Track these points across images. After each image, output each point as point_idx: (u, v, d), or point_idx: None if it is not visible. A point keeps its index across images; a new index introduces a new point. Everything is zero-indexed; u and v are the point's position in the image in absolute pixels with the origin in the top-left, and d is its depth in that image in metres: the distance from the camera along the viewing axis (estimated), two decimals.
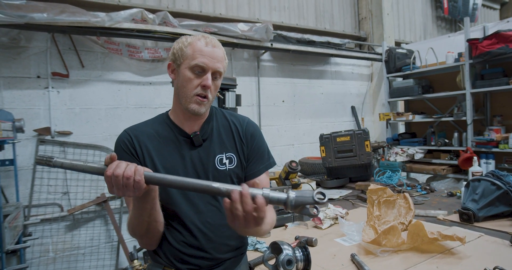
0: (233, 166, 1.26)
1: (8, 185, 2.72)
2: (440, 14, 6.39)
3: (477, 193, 1.92)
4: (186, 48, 1.17)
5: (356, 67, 5.10)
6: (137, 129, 1.24)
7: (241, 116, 1.37)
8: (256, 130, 1.35)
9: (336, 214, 2.01)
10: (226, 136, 1.29)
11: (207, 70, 1.16)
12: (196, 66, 1.15)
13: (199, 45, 1.16)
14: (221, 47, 1.21)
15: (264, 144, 1.35)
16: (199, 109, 1.17)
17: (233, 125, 1.31)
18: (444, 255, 1.45)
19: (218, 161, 1.24)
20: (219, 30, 3.41)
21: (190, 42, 1.18)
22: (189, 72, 1.16)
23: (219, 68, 1.18)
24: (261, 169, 1.31)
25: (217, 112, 1.34)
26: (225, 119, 1.33)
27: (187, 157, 1.22)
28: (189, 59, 1.16)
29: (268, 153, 1.35)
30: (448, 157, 3.95)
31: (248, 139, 1.30)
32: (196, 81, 1.16)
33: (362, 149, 3.07)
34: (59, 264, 2.94)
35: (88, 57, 3.13)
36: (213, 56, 1.16)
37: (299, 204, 0.92)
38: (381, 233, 1.51)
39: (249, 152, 1.30)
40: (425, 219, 2.02)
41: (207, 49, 1.16)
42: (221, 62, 1.18)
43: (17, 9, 2.50)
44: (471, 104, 3.65)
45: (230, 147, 1.27)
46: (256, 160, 1.31)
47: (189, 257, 1.19)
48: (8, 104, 2.78)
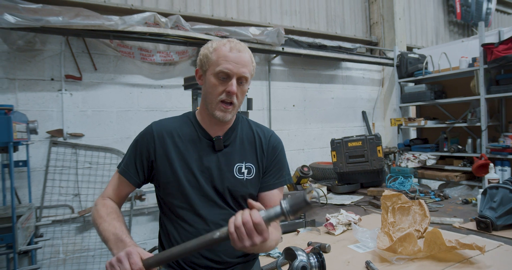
0: (251, 177, 1.25)
1: (21, 186, 2.74)
2: (453, 19, 6.32)
3: (495, 201, 1.87)
4: (212, 54, 1.17)
5: (367, 72, 5.06)
6: (162, 125, 1.25)
7: (266, 129, 1.37)
8: (279, 144, 1.34)
9: (349, 220, 1.98)
10: (248, 146, 1.28)
11: (231, 76, 1.15)
12: (221, 72, 1.14)
13: (223, 51, 1.16)
14: (247, 51, 1.20)
15: (284, 160, 1.34)
16: (224, 116, 1.17)
17: (257, 136, 1.30)
18: (462, 265, 1.41)
19: (237, 170, 1.23)
20: (230, 34, 3.42)
21: (215, 47, 1.17)
22: (214, 78, 1.16)
23: (244, 73, 1.16)
24: (275, 183, 1.30)
25: (243, 121, 1.34)
26: (250, 129, 1.32)
27: (205, 160, 1.21)
28: (214, 65, 1.16)
29: (286, 170, 1.34)
30: (462, 163, 3.88)
31: (269, 152, 1.30)
32: (221, 88, 1.16)
33: (374, 155, 3.03)
34: (69, 266, 2.95)
35: (100, 60, 3.16)
36: (238, 62, 1.15)
37: (297, 209, 0.91)
38: (396, 240, 1.48)
39: (268, 164, 1.29)
40: (440, 226, 1.98)
41: (232, 55, 1.15)
42: (246, 66, 1.17)
43: (34, 13, 2.54)
44: (486, 110, 3.59)
45: (250, 158, 1.27)
46: (273, 173, 1.30)
47: (199, 260, 1.18)
48: (22, 106, 2.81)
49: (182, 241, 1.19)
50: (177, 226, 1.21)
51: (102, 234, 1.09)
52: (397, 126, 4.54)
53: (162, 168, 1.21)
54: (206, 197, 1.20)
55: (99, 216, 1.13)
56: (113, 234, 1.06)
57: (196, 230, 1.19)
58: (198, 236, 1.17)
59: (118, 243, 1.04)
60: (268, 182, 1.29)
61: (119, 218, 1.15)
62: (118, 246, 1.03)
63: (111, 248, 1.04)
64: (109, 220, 1.11)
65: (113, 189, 1.24)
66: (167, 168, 1.20)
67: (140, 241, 3.27)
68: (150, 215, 3.32)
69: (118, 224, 1.10)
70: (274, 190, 1.29)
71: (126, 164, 1.23)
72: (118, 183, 1.24)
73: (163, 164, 1.20)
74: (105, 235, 1.08)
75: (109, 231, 1.08)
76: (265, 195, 1.29)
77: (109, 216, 1.13)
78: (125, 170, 1.22)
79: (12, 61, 2.79)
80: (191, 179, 1.20)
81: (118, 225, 1.10)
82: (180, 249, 0.96)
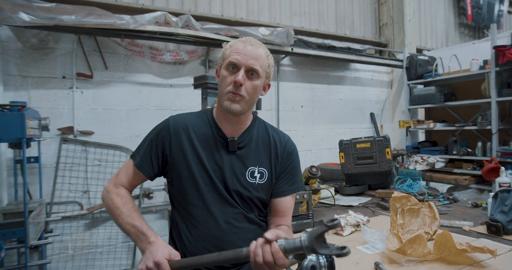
0: (262, 182, 1.25)
1: (32, 182, 2.78)
2: (463, 21, 6.27)
3: (506, 205, 1.85)
4: (227, 50, 1.20)
5: (376, 74, 5.04)
6: (179, 120, 1.26)
7: (282, 133, 1.37)
8: (294, 151, 1.35)
9: (357, 221, 1.97)
10: (263, 150, 1.28)
11: (239, 66, 1.15)
12: (230, 63, 1.16)
13: (236, 45, 1.18)
14: (262, 47, 1.20)
15: (298, 167, 1.35)
16: (230, 105, 1.16)
17: (272, 140, 1.30)
18: (473, 268, 1.40)
19: (250, 173, 1.24)
20: (240, 34, 3.43)
21: (231, 44, 1.20)
22: (224, 70, 1.18)
23: (253, 65, 1.15)
24: (288, 190, 1.31)
25: (259, 123, 1.34)
26: (266, 132, 1.32)
27: (219, 160, 1.22)
28: (226, 58, 1.18)
29: (300, 177, 1.35)
30: (471, 167, 3.84)
31: (284, 158, 1.30)
32: (229, 79, 1.16)
33: (382, 156, 3.01)
34: (77, 262, 2.98)
35: (111, 59, 3.20)
36: (247, 54, 1.15)
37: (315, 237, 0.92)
38: (406, 242, 1.47)
39: (281, 170, 1.29)
40: (449, 229, 1.96)
41: (243, 47, 1.17)
42: (256, 59, 1.16)
43: (48, 12, 2.57)
44: (497, 113, 3.55)
45: (264, 162, 1.27)
46: (286, 180, 1.30)
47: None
48: (34, 103, 2.85)
49: (193, 237, 1.20)
50: (188, 222, 1.22)
51: (121, 226, 1.13)
52: (406, 128, 4.51)
53: (177, 162, 1.22)
54: (218, 195, 1.21)
55: (116, 206, 1.16)
56: (133, 226, 1.10)
57: (207, 227, 1.19)
58: (208, 233, 1.20)
59: (140, 236, 1.08)
60: (281, 188, 1.30)
61: (135, 207, 1.18)
62: (141, 239, 1.08)
63: (134, 241, 1.10)
64: (126, 211, 1.14)
65: (127, 178, 1.25)
66: (182, 163, 1.21)
67: None
68: (157, 213, 3.34)
69: (135, 215, 1.14)
70: (287, 197, 1.30)
71: (142, 158, 1.24)
72: (133, 174, 1.25)
73: (178, 159, 1.21)
74: (125, 228, 1.12)
75: (129, 223, 1.11)
76: (277, 201, 1.30)
77: (125, 206, 1.16)
78: (140, 164, 1.24)
79: (26, 58, 2.83)
80: (204, 176, 1.20)
81: (136, 215, 1.13)
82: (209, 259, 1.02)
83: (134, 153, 1.27)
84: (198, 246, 1.20)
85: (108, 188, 1.24)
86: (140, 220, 1.12)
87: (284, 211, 1.30)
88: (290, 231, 1.29)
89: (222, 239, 1.19)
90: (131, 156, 1.28)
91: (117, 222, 1.15)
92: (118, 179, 1.26)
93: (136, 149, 1.28)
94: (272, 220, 1.32)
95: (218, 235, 1.19)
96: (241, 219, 1.23)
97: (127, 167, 1.27)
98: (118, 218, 1.13)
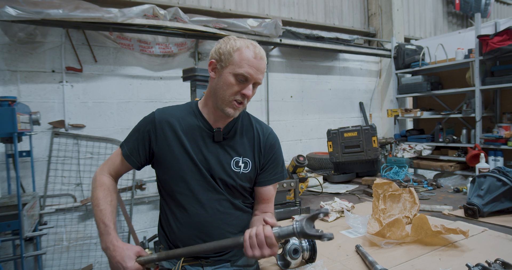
0: (247, 171, 1.32)
1: (24, 175, 2.81)
2: (452, 9, 6.32)
3: (482, 189, 1.94)
4: (235, 53, 1.19)
5: (365, 63, 5.10)
6: (165, 113, 1.32)
7: (265, 125, 1.43)
8: (276, 142, 1.41)
9: (342, 208, 2.05)
10: (247, 141, 1.35)
11: (250, 80, 1.20)
12: (241, 75, 1.18)
13: (247, 55, 1.19)
14: (265, 58, 1.25)
15: (280, 158, 1.42)
16: (234, 113, 1.24)
17: (256, 132, 1.37)
18: (447, 248, 1.49)
19: (234, 163, 1.30)
20: (229, 26, 3.44)
21: (239, 47, 1.19)
22: (232, 77, 1.20)
23: (260, 80, 1.23)
24: (271, 179, 1.39)
25: (244, 115, 1.40)
26: (250, 124, 1.38)
27: (204, 150, 1.28)
28: (235, 65, 1.19)
29: (282, 167, 1.42)
30: (456, 154, 3.95)
31: (266, 150, 1.37)
32: (236, 88, 1.20)
33: (369, 145, 3.10)
34: (72, 253, 3.04)
35: (100, 52, 3.21)
36: (259, 68, 1.20)
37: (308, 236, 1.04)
38: (385, 226, 1.55)
39: (264, 162, 1.37)
40: (430, 213, 2.05)
41: (255, 61, 1.19)
42: (263, 73, 1.24)
43: (34, 6, 2.57)
44: (481, 101, 3.64)
45: (248, 153, 1.34)
46: (269, 170, 1.38)
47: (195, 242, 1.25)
48: (24, 97, 2.87)
49: (181, 224, 1.27)
50: (176, 210, 1.28)
51: (95, 219, 1.23)
52: (394, 117, 4.59)
53: (163, 154, 1.27)
54: (205, 183, 1.27)
55: (96, 197, 1.25)
56: (103, 223, 1.20)
57: (194, 214, 1.26)
58: (196, 220, 1.26)
59: (105, 235, 1.19)
60: (264, 178, 1.38)
61: (113, 202, 1.26)
62: (104, 239, 1.19)
63: (99, 236, 1.20)
64: (103, 205, 1.22)
65: (115, 166, 1.33)
66: (167, 154, 1.27)
67: (141, 229, 3.37)
68: (150, 204, 3.41)
69: (109, 210, 1.22)
70: (270, 186, 1.39)
71: (129, 148, 1.30)
72: (120, 163, 1.32)
73: (163, 150, 1.27)
74: (96, 221, 1.22)
75: (100, 218, 1.20)
76: (261, 190, 1.38)
77: (104, 199, 1.24)
78: (128, 155, 1.30)
79: (14, 53, 2.83)
80: (190, 165, 1.26)
81: (109, 211, 1.22)
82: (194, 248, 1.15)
83: (122, 143, 1.34)
84: (187, 232, 1.26)
85: (96, 176, 1.33)
86: (110, 218, 1.21)
87: (267, 199, 1.38)
88: (273, 217, 1.36)
89: (209, 225, 1.26)
90: (120, 146, 1.34)
91: (94, 212, 1.25)
92: (106, 166, 1.34)
93: (125, 139, 1.35)
94: (256, 207, 1.40)
95: (205, 221, 1.26)
96: (227, 206, 1.29)
97: (116, 155, 1.34)
98: (94, 209, 1.24)
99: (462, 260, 1.34)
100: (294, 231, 1.03)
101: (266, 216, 1.17)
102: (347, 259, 1.44)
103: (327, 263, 1.40)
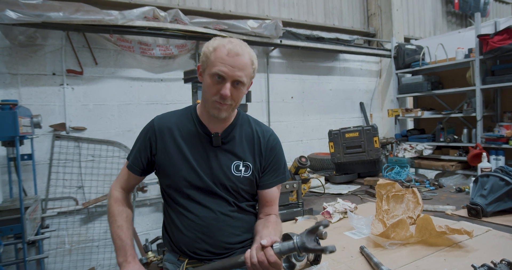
0: (248, 174, 1.31)
1: (26, 179, 2.81)
2: (451, 9, 6.33)
3: (485, 189, 1.94)
4: (211, 54, 1.18)
5: (365, 63, 5.10)
6: (164, 120, 1.32)
7: (266, 127, 1.41)
8: (277, 144, 1.39)
9: (345, 208, 2.05)
10: (247, 144, 1.33)
11: (227, 79, 1.16)
12: (216, 74, 1.16)
13: (221, 53, 1.15)
14: (247, 53, 1.19)
15: (282, 159, 1.40)
16: (219, 114, 1.21)
17: (256, 135, 1.35)
18: (451, 248, 1.49)
19: (235, 167, 1.30)
20: (229, 27, 3.45)
21: (215, 47, 1.17)
22: (209, 78, 1.18)
23: (240, 77, 1.17)
24: (274, 182, 1.37)
25: (243, 118, 1.37)
26: (250, 127, 1.36)
27: (204, 155, 1.28)
28: (211, 66, 1.17)
29: (284, 168, 1.41)
30: (457, 153, 3.94)
31: (267, 152, 1.35)
32: (215, 88, 1.18)
33: (371, 145, 3.09)
34: (75, 256, 3.04)
35: (101, 55, 3.20)
36: (234, 65, 1.15)
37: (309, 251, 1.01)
38: (389, 227, 1.55)
39: (266, 164, 1.35)
40: (433, 214, 2.05)
41: (229, 58, 1.15)
42: (243, 70, 1.17)
43: (34, 9, 2.57)
44: (481, 100, 3.64)
45: (249, 156, 1.32)
46: (270, 173, 1.36)
47: (200, 244, 1.25)
48: (25, 100, 2.86)
49: (185, 228, 1.27)
50: (180, 215, 1.28)
51: (111, 233, 1.26)
52: (395, 117, 4.59)
53: (163, 161, 1.28)
54: (206, 188, 1.27)
55: (112, 214, 1.29)
56: (119, 239, 1.23)
57: (198, 217, 1.26)
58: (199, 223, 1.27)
59: (122, 251, 1.22)
60: (267, 181, 1.36)
61: (128, 217, 1.30)
62: (120, 254, 1.22)
63: (116, 251, 1.24)
64: (119, 221, 1.26)
65: (124, 180, 1.36)
66: (167, 162, 1.27)
67: (143, 231, 3.36)
68: (152, 206, 3.40)
69: (125, 226, 1.26)
70: (273, 188, 1.38)
71: (133, 159, 1.33)
72: (127, 175, 1.34)
73: (164, 157, 1.27)
74: (113, 237, 1.25)
75: (117, 234, 1.24)
76: (264, 193, 1.37)
77: (121, 215, 1.27)
78: (131, 166, 1.32)
79: (14, 56, 2.83)
80: (191, 172, 1.26)
81: (125, 227, 1.26)
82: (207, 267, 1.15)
83: (128, 155, 1.37)
84: (191, 235, 1.26)
85: (110, 191, 1.36)
86: (127, 234, 1.25)
87: (271, 201, 1.38)
88: (278, 218, 1.36)
89: (213, 227, 1.26)
90: (127, 158, 1.37)
91: (110, 227, 1.28)
92: (118, 180, 1.37)
93: (130, 150, 1.38)
94: (261, 210, 1.40)
95: (209, 224, 1.26)
96: (230, 209, 1.29)
97: (124, 169, 1.37)
98: (111, 225, 1.27)
99: (467, 261, 1.33)
100: (295, 246, 1.02)
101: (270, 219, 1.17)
102: (351, 260, 1.44)
103: (332, 264, 1.39)
